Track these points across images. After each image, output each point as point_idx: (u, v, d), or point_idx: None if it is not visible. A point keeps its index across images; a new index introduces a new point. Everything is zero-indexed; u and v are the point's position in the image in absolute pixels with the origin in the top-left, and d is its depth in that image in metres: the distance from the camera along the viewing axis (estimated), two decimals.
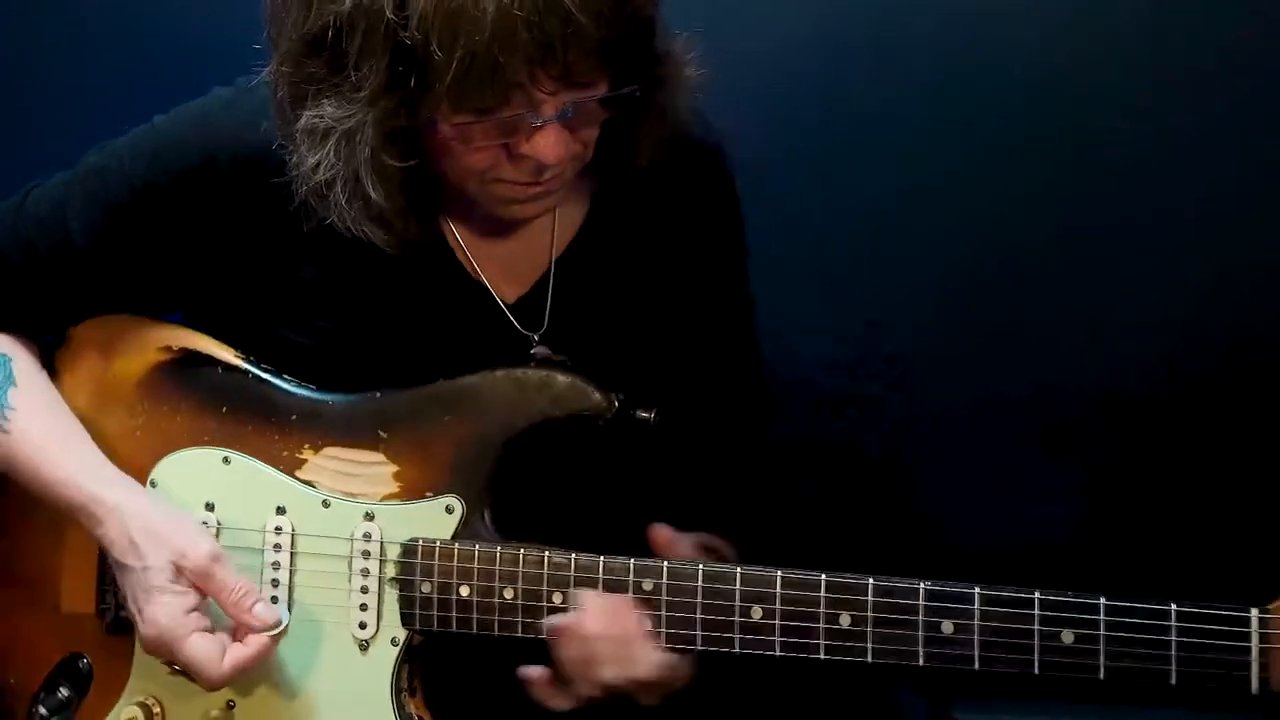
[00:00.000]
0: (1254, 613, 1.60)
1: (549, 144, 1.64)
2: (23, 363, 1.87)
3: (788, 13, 2.43)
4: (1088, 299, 2.45)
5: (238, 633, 1.76)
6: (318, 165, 1.66)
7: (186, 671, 1.75)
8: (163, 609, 1.73)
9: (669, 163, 1.84)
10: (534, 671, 1.78)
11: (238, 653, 1.74)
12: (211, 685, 1.75)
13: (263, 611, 1.74)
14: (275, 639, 1.75)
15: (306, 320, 1.85)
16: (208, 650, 1.73)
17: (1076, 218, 2.43)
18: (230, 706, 1.84)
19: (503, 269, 1.88)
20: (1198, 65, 2.36)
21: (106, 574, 1.87)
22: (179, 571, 1.74)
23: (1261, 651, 1.59)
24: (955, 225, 2.46)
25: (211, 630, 1.76)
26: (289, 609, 1.83)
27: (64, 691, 1.88)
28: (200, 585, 1.75)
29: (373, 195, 1.67)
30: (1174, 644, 1.61)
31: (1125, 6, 2.38)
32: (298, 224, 1.77)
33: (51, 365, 1.92)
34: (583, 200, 1.89)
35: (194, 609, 1.75)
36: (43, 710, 1.88)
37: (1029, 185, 2.44)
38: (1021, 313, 2.48)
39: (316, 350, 1.85)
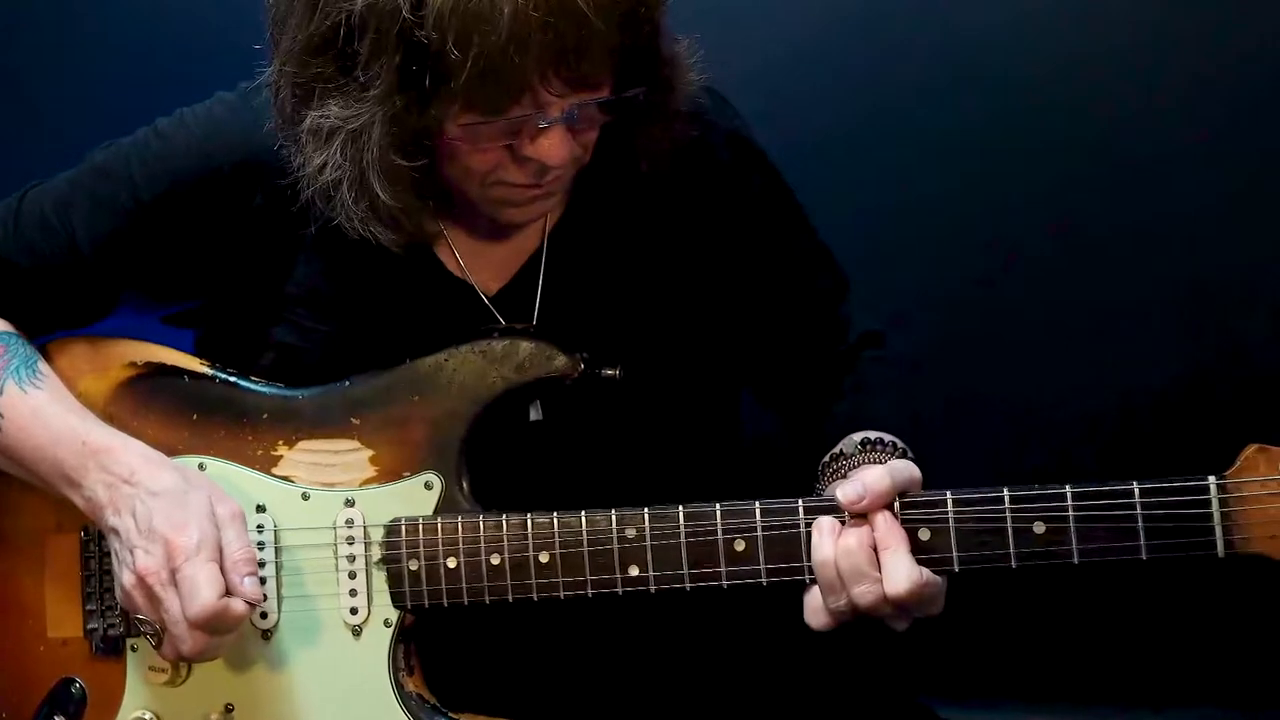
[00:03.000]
0: (1211, 479, 1.67)
1: (554, 145, 1.68)
2: (33, 347, 1.90)
3: (795, 19, 2.48)
4: (1096, 303, 2.49)
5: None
6: (324, 166, 1.69)
7: (180, 588, 1.71)
8: (198, 524, 1.73)
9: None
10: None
11: (226, 603, 1.72)
12: (194, 615, 1.69)
13: (250, 585, 1.74)
14: (244, 614, 1.73)
15: (296, 320, 1.89)
16: (215, 578, 1.71)
17: (1085, 223, 2.47)
18: (229, 710, 1.84)
19: (483, 262, 1.91)
20: (1206, 70, 2.42)
21: (91, 594, 1.88)
22: (212, 511, 1.76)
23: (1223, 515, 1.66)
24: (962, 229, 2.49)
25: None
26: (279, 605, 1.84)
27: (58, 719, 1.88)
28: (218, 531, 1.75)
29: (381, 195, 1.69)
30: (1140, 518, 1.68)
31: (1134, 12, 2.44)
32: (294, 226, 1.81)
33: None
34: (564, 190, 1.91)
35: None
36: None
37: (1036, 189, 2.48)
38: (1029, 316, 2.51)
39: (303, 349, 1.88)
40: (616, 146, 1.82)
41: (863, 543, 1.68)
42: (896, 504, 1.72)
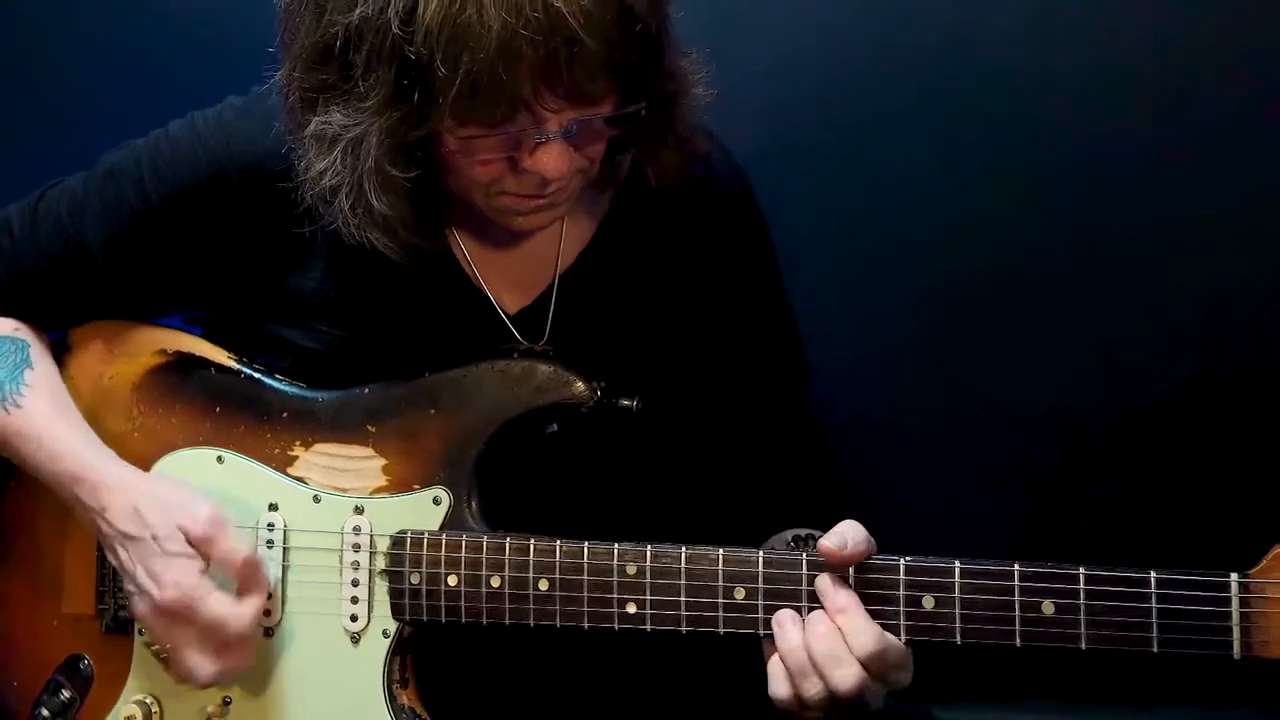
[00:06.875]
0: (1234, 577, 1.60)
1: (552, 159, 1.66)
2: (37, 350, 1.92)
3: (785, 23, 2.42)
4: (1101, 307, 2.41)
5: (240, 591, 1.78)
6: (324, 171, 1.69)
7: (208, 634, 1.75)
8: (182, 571, 1.75)
9: (687, 186, 1.87)
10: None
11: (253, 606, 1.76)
12: (238, 636, 1.75)
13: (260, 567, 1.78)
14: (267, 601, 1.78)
15: (312, 325, 1.89)
16: (230, 605, 1.74)
17: (1070, 230, 2.40)
18: (226, 702, 1.86)
19: (507, 280, 1.91)
20: (1198, 74, 2.33)
21: (105, 575, 1.91)
22: (186, 536, 1.77)
23: (1242, 616, 1.59)
24: (947, 236, 2.43)
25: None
26: (282, 604, 1.85)
27: (66, 693, 1.91)
28: (204, 549, 1.77)
29: (375, 204, 1.69)
30: (1154, 611, 1.61)
31: (1138, 11, 2.36)
32: (302, 232, 1.81)
33: None
34: (593, 215, 1.91)
35: (205, 570, 1.77)
36: (45, 712, 1.90)
37: (1023, 196, 2.41)
38: (1032, 319, 2.45)
39: (320, 355, 1.88)
40: (641, 176, 1.80)
41: (832, 627, 1.65)
42: (902, 566, 1.68)
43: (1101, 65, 2.36)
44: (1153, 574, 1.61)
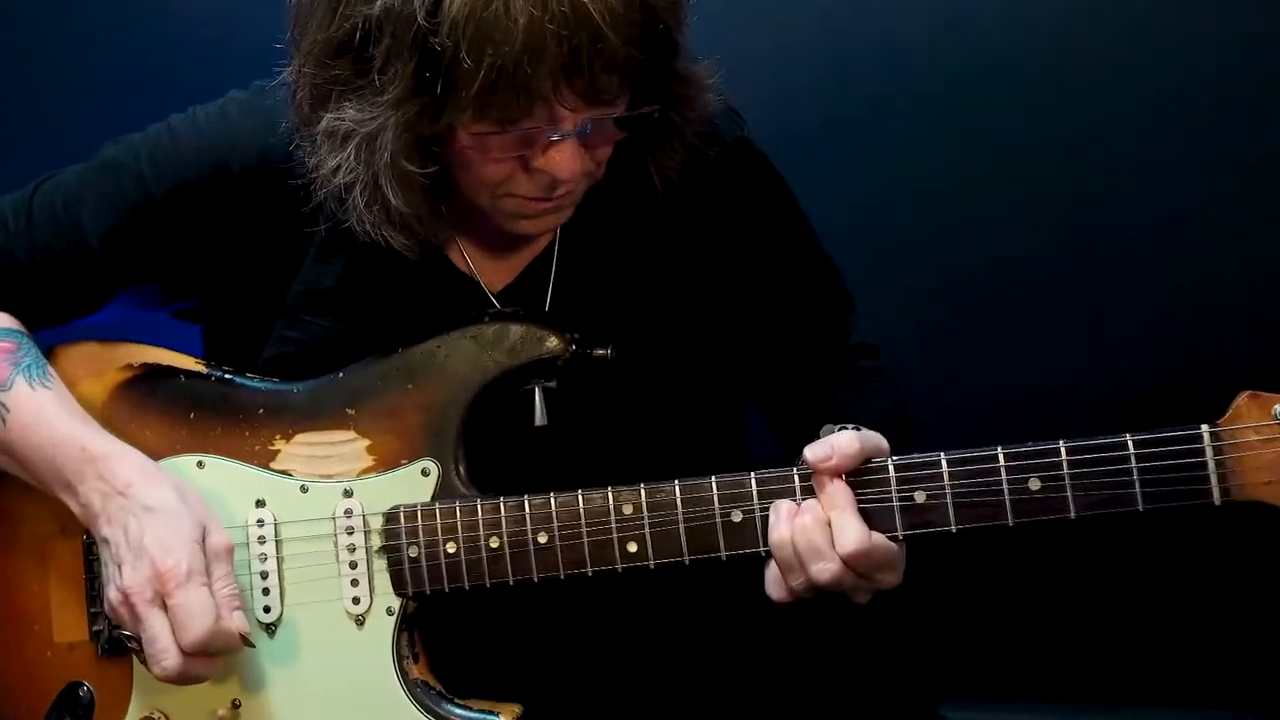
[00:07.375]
0: (1205, 429, 1.67)
1: (565, 159, 1.69)
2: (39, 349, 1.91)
3: (787, 17, 2.48)
4: (1101, 306, 2.47)
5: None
6: (338, 168, 1.70)
7: (174, 615, 1.71)
8: (190, 551, 1.73)
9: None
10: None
11: (225, 624, 1.73)
12: (191, 640, 1.70)
13: (241, 619, 1.75)
14: (236, 634, 1.75)
15: (303, 320, 1.90)
16: (207, 602, 1.72)
17: (1070, 230, 2.47)
18: (236, 705, 1.85)
19: (490, 260, 1.93)
20: (1198, 73, 2.41)
21: (96, 596, 1.89)
22: (202, 539, 1.76)
23: (1218, 464, 1.66)
24: (947, 235, 2.48)
25: None
26: (281, 598, 1.85)
27: None
28: (211, 558, 1.75)
29: (393, 200, 1.70)
30: (1135, 470, 1.68)
31: (1137, 9, 2.43)
32: (303, 227, 1.82)
33: None
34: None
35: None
36: None
37: (1024, 191, 2.47)
38: (1030, 317, 2.51)
39: (312, 349, 1.89)
40: (629, 154, 1.82)
41: (819, 519, 1.69)
42: (891, 465, 1.73)
43: (1105, 66, 2.42)
44: (1128, 437, 1.69)
